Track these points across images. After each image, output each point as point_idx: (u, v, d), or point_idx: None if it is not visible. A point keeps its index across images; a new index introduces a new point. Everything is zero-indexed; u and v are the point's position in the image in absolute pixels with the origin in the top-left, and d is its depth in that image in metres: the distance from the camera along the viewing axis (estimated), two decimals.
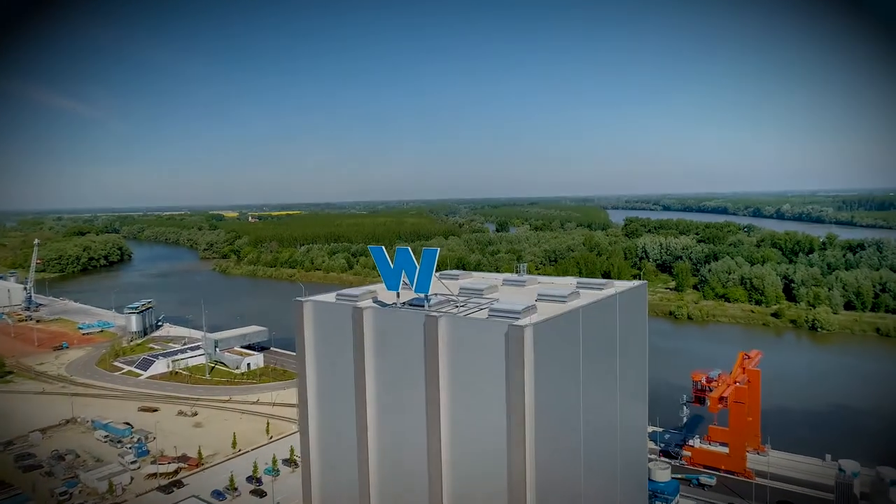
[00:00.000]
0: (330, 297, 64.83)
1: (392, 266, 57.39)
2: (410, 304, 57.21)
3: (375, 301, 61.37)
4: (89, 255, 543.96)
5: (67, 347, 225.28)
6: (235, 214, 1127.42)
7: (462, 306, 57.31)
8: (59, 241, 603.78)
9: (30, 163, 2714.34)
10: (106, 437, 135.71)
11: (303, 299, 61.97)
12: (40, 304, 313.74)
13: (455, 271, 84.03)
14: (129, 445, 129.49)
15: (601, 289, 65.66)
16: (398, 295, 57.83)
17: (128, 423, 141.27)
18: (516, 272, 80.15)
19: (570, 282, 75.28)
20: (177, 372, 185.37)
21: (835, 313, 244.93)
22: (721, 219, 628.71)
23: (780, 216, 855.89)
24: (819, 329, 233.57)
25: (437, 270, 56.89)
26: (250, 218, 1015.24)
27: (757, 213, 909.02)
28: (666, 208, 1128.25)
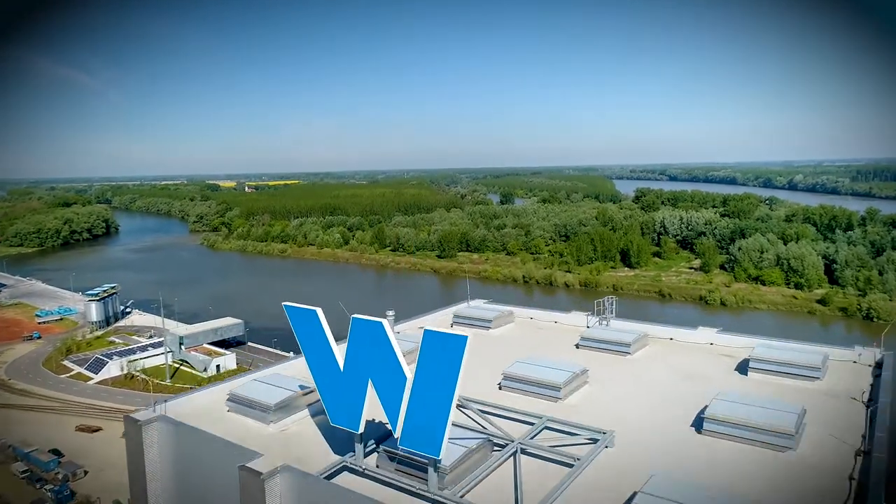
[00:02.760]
0: (217, 398, 32.08)
1: (342, 367, 22.17)
2: (391, 458, 23.03)
3: (322, 425, 26.37)
4: (71, 229, 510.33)
5: (40, 338, 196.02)
6: (233, 184, 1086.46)
7: (513, 457, 24.11)
8: (41, 212, 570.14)
9: (28, 131, 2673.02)
10: (25, 472, 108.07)
11: (142, 418, 28.60)
12: (3, 285, 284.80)
13: (479, 308, 45.93)
14: (49, 487, 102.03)
15: (817, 377, 31.77)
16: (361, 436, 23.60)
17: (55, 452, 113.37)
18: (598, 314, 42.83)
19: (713, 337, 40.36)
20: (133, 375, 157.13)
21: (890, 300, 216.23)
22: (731, 189, 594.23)
23: (792, 187, 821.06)
24: (875, 319, 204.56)
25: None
26: (247, 188, 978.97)
27: (768, 184, 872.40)
28: (672, 178, 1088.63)
